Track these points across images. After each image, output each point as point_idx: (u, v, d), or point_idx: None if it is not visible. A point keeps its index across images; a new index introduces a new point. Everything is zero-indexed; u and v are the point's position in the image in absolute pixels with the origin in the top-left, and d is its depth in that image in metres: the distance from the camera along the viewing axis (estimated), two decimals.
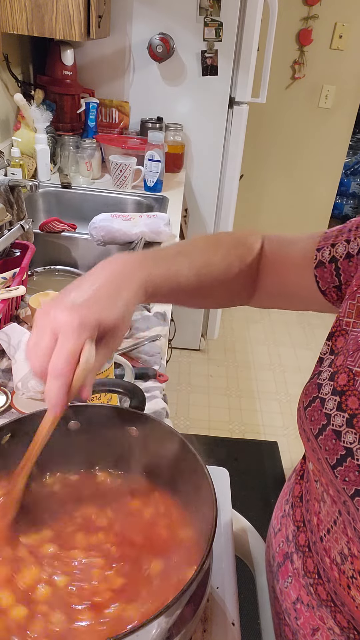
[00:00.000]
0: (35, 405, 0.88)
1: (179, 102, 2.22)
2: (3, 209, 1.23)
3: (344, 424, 0.51)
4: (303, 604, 0.59)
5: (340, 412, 0.52)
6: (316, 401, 0.55)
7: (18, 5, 1.57)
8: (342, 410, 0.52)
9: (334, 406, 0.52)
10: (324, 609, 0.56)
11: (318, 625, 0.57)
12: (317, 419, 0.54)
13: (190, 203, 2.42)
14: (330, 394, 0.54)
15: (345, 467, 0.50)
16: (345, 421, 0.51)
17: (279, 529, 0.67)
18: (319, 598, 0.56)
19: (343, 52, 2.93)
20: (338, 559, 0.52)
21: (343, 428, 0.51)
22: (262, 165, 3.27)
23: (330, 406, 0.53)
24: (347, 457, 0.49)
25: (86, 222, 1.55)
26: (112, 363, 0.83)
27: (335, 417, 0.52)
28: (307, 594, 0.58)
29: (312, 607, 0.57)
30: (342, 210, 4.80)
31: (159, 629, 0.44)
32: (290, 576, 0.62)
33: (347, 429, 0.50)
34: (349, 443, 0.50)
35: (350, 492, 0.49)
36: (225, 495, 0.79)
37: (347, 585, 0.51)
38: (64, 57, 1.98)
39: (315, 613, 0.57)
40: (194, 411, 2.46)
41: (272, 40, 2.23)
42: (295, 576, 0.61)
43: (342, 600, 0.52)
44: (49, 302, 0.50)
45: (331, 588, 0.54)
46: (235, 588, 0.65)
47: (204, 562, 0.47)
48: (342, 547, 0.52)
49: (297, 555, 0.61)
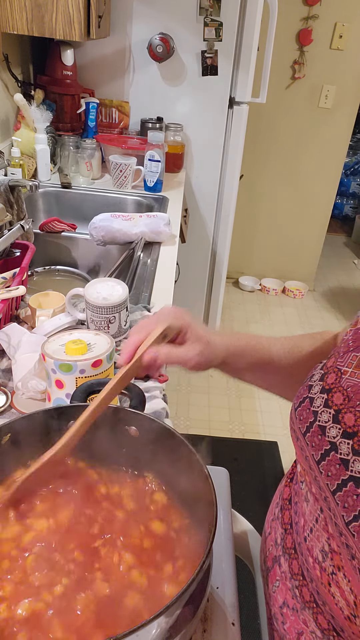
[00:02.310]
0: (35, 405, 0.88)
1: (179, 102, 2.22)
2: (3, 209, 1.23)
3: (329, 420, 0.53)
4: (289, 608, 0.59)
5: (326, 409, 0.54)
6: (305, 401, 0.57)
7: (18, 5, 1.58)
8: (328, 407, 0.54)
9: (321, 403, 0.55)
10: (307, 612, 0.56)
11: (302, 629, 0.57)
12: (306, 417, 0.56)
13: (190, 203, 2.42)
14: (319, 392, 0.56)
15: (328, 462, 0.51)
16: (331, 417, 0.53)
17: (269, 532, 0.68)
18: (303, 600, 0.57)
19: (343, 52, 2.93)
20: (320, 557, 0.53)
21: (328, 423, 0.53)
22: (262, 165, 3.27)
23: (318, 404, 0.55)
24: (331, 451, 0.51)
25: (86, 222, 1.55)
26: (112, 363, 0.83)
27: (322, 413, 0.54)
28: (292, 597, 0.59)
29: (296, 610, 0.58)
30: (342, 210, 4.80)
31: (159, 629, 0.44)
32: (278, 580, 0.62)
33: (332, 424, 0.52)
34: (333, 437, 0.51)
35: (332, 488, 0.50)
36: (225, 495, 0.79)
37: (328, 582, 0.52)
38: (64, 57, 1.98)
39: (299, 617, 0.57)
40: (194, 411, 2.46)
41: (272, 40, 2.23)
42: (283, 580, 0.61)
43: (324, 599, 0.53)
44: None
45: (314, 588, 0.55)
46: (235, 588, 0.65)
47: (204, 562, 0.47)
48: (322, 544, 0.53)
49: (284, 558, 0.61)
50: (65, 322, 1.06)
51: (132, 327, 0.64)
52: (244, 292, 3.59)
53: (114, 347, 0.83)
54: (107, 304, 1.02)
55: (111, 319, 1.04)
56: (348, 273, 4.01)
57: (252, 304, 3.46)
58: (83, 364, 0.77)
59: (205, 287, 2.75)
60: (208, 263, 2.66)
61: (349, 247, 4.46)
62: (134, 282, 1.34)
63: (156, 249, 1.53)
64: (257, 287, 3.60)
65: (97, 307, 1.02)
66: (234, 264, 3.38)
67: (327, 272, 3.92)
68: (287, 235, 3.53)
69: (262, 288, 3.60)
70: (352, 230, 4.60)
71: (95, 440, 0.66)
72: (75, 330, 0.87)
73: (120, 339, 1.08)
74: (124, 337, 1.09)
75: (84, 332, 0.87)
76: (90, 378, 0.78)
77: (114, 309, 1.03)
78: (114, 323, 1.05)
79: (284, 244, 3.56)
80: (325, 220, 3.47)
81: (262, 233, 3.53)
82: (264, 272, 3.66)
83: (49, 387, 0.82)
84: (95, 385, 0.73)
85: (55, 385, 0.80)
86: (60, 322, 1.05)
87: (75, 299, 1.10)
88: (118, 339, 1.08)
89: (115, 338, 1.06)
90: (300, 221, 3.46)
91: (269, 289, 3.58)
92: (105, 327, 1.04)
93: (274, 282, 3.62)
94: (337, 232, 4.61)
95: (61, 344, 0.81)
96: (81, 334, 0.85)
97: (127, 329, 1.09)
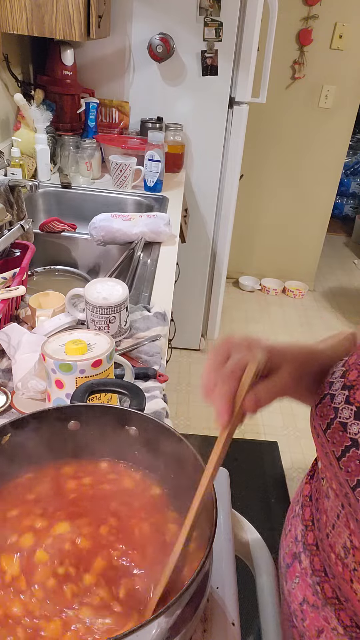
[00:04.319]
0: (35, 405, 0.88)
1: (179, 102, 2.22)
2: (3, 209, 1.23)
3: (351, 416, 0.52)
4: (309, 605, 0.59)
5: (348, 405, 0.53)
6: (326, 398, 0.56)
7: (18, 5, 1.57)
8: (349, 404, 0.53)
9: (342, 400, 0.54)
10: (329, 608, 0.56)
11: (322, 626, 0.57)
12: (326, 414, 0.55)
13: (190, 203, 2.42)
14: (340, 389, 0.55)
15: (349, 457, 0.51)
16: (352, 413, 0.52)
17: (289, 530, 0.68)
18: (325, 596, 0.56)
19: (343, 52, 2.93)
20: (342, 553, 0.53)
21: (350, 420, 0.52)
22: (262, 165, 3.27)
23: (339, 400, 0.54)
24: (352, 447, 0.51)
25: (86, 222, 1.55)
26: (112, 363, 0.83)
27: (343, 410, 0.53)
28: (313, 593, 0.59)
29: (317, 607, 0.58)
30: (342, 210, 4.80)
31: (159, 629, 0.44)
32: (298, 576, 0.62)
33: (354, 421, 0.52)
34: (354, 434, 0.51)
35: (352, 484, 0.50)
36: (225, 495, 0.79)
37: (350, 578, 0.52)
38: (64, 57, 1.98)
39: (319, 613, 0.57)
40: (194, 411, 2.46)
41: (272, 40, 2.23)
42: (303, 576, 0.61)
43: (346, 595, 0.53)
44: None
45: (335, 584, 0.55)
46: (235, 588, 0.65)
47: (204, 562, 0.47)
48: (344, 540, 0.53)
49: (304, 555, 0.61)
50: (65, 322, 1.06)
51: (204, 373, 0.53)
52: (244, 292, 3.59)
53: (114, 347, 0.83)
54: (107, 304, 1.02)
55: (111, 319, 1.04)
56: (348, 273, 4.02)
57: (252, 304, 3.46)
58: (83, 364, 0.77)
59: (205, 287, 2.75)
60: (208, 263, 2.66)
61: (349, 247, 4.46)
62: (134, 282, 1.34)
63: (156, 249, 1.53)
64: (257, 287, 3.60)
65: (97, 307, 1.02)
66: (234, 264, 3.38)
67: (327, 272, 3.92)
68: (287, 235, 3.53)
69: (262, 288, 3.60)
70: (352, 230, 4.60)
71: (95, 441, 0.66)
72: (75, 330, 0.87)
73: (120, 339, 1.08)
74: (124, 337, 1.09)
75: (84, 332, 0.86)
76: (90, 378, 0.78)
77: (114, 309, 1.03)
78: (114, 323, 1.05)
79: (284, 244, 3.56)
80: (325, 220, 3.47)
81: (262, 233, 3.53)
82: (264, 272, 3.66)
83: (49, 387, 0.82)
84: (95, 385, 0.73)
85: (55, 385, 0.80)
86: (60, 322, 1.05)
87: (75, 299, 1.10)
88: (118, 339, 1.08)
89: (115, 338, 1.06)
90: (300, 221, 3.46)
91: (269, 289, 3.58)
92: (105, 327, 1.04)
93: (274, 282, 3.62)
94: (337, 232, 4.61)
95: (61, 344, 0.81)
96: (81, 334, 0.85)
97: (127, 328, 1.09)
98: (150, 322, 1.16)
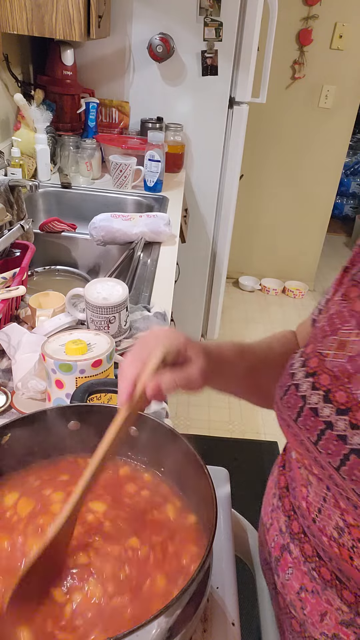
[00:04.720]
0: (35, 405, 0.88)
1: (179, 102, 2.22)
2: (3, 209, 1.23)
3: (320, 400, 0.54)
4: (307, 592, 0.60)
5: (315, 391, 0.55)
6: (291, 388, 0.58)
7: (18, 5, 1.57)
8: (316, 389, 0.55)
9: (308, 387, 0.56)
10: (330, 591, 0.57)
11: (326, 609, 0.57)
12: (294, 403, 0.57)
13: (190, 203, 2.42)
14: (303, 377, 0.57)
15: (326, 440, 0.53)
16: (321, 398, 0.54)
17: (270, 523, 0.68)
18: (324, 580, 0.57)
19: (343, 52, 2.93)
20: (335, 533, 0.54)
21: (320, 404, 0.54)
22: (262, 165, 3.27)
23: (305, 388, 0.56)
24: (327, 430, 0.53)
25: (86, 222, 1.55)
26: (112, 363, 0.83)
27: (311, 396, 0.55)
28: (311, 580, 0.59)
29: (316, 592, 0.58)
30: (342, 210, 4.80)
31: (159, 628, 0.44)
32: (291, 567, 0.62)
33: (324, 404, 0.54)
34: (327, 416, 0.53)
35: (335, 464, 0.51)
36: (225, 495, 0.79)
37: (349, 557, 0.52)
38: (64, 57, 1.98)
39: (321, 597, 0.58)
40: (194, 411, 2.46)
41: (272, 40, 2.23)
42: (296, 565, 0.61)
43: (348, 574, 0.54)
44: None
45: (334, 566, 0.55)
46: (235, 588, 0.65)
47: (204, 562, 0.47)
48: (336, 521, 0.54)
49: (293, 545, 0.62)
50: (65, 322, 1.06)
51: (123, 359, 0.57)
52: (244, 292, 3.59)
53: (114, 347, 0.83)
54: (107, 304, 1.02)
55: (111, 319, 1.04)
56: None
57: (252, 304, 3.46)
58: (83, 364, 0.77)
59: (205, 287, 2.75)
60: (208, 263, 2.66)
61: (349, 247, 4.46)
62: (134, 282, 1.34)
63: (156, 249, 1.53)
64: (257, 287, 3.60)
65: (97, 307, 1.02)
66: (234, 264, 3.38)
67: (327, 272, 3.92)
68: (287, 235, 3.53)
69: (262, 288, 3.60)
70: (352, 231, 4.60)
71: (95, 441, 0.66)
72: (75, 330, 0.87)
73: (120, 339, 1.08)
74: (124, 337, 1.09)
75: (84, 332, 0.87)
76: (90, 378, 0.78)
77: (114, 309, 1.03)
78: (114, 323, 1.05)
79: (284, 243, 3.56)
80: (325, 220, 3.47)
81: (262, 233, 3.53)
82: (264, 272, 3.66)
83: (49, 387, 0.82)
84: (95, 385, 0.73)
85: (55, 385, 0.80)
86: (60, 322, 1.05)
87: (75, 299, 1.10)
88: (118, 338, 1.08)
89: (115, 338, 1.06)
90: (301, 221, 3.46)
91: (269, 289, 3.58)
92: (105, 327, 1.04)
93: (274, 282, 3.62)
94: (337, 232, 4.61)
95: (61, 344, 0.81)
96: (81, 334, 0.85)
97: (127, 328, 1.09)
98: (150, 322, 1.16)
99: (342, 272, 0.64)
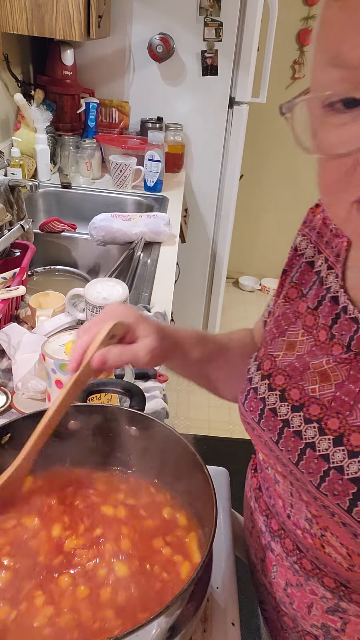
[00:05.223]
0: (35, 405, 0.88)
1: (179, 102, 2.22)
2: (3, 209, 1.23)
3: (277, 400, 0.57)
4: (293, 586, 0.61)
5: (271, 392, 0.58)
6: (250, 392, 0.60)
7: (18, 5, 1.58)
8: (272, 390, 0.58)
9: (265, 389, 0.58)
10: (312, 580, 0.58)
11: (311, 600, 0.59)
12: (255, 406, 0.59)
13: (190, 203, 2.42)
14: (260, 380, 0.60)
15: (285, 438, 0.55)
16: (278, 397, 0.57)
17: (252, 526, 0.69)
18: (305, 571, 0.59)
19: None
20: (307, 525, 0.56)
21: (277, 404, 0.57)
22: (262, 165, 3.27)
23: (262, 390, 0.59)
24: (284, 428, 0.55)
25: (86, 222, 1.55)
26: None
27: (269, 397, 0.58)
28: (294, 573, 0.60)
29: (300, 585, 0.60)
30: None
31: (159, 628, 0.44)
32: (275, 564, 0.63)
33: (281, 403, 0.56)
34: (284, 415, 0.55)
35: (294, 460, 0.54)
36: (225, 495, 0.79)
37: (321, 545, 0.54)
38: (64, 57, 1.98)
39: (305, 589, 0.59)
40: (194, 411, 2.46)
41: (272, 40, 2.23)
42: (279, 562, 0.62)
43: (324, 561, 0.55)
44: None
45: (312, 556, 0.57)
46: (235, 588, 0.65)
47: (204, 562, 0.48)
48: (304, 513, 0.56)
49: (274, 542, 0.63)
50: (65, 322, 1.06)
51: (79, 329, 0.60)
52: (244, 292, 3.59)
53: None
54: (107, 304, 1.02)
55: None
56: None
57: (252, 304, 3.46)
58: None
59: (205, 287, 2.75)
60: (208, 263, 2.66)
61: None
62: (134, 282, 1.34)
63: (156, 249, 1.53)
64: (257, 287, 3.60)
65: (97, 307, 1.02)
66: (234, 264, 3.37)
67: None
68: (287, 235, 3.48)
69: (262, 288, 3.59)
70: None
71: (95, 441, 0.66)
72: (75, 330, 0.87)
73: None
74: None
75: None
76: None
77: None
78: None
79: (284, 244, 3.51)
80: None
81: (262, 233, 3.53)
82: (264, 272, 3.66)
83: (49, 387, 0.82)
84: (95, 385, 0.73)
85: (55, 385, 0.80)
86: (60, 322, 1.05)
87: (75, 299, 1.10)
88: None
89: None
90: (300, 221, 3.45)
91: (269, 289, 3.57)
92: None
93: (274, 282, 3.62)
94: None
95: (61, 344, 0.81)
96: None
97: None
98: None
99: (282, 275, 0.67)
